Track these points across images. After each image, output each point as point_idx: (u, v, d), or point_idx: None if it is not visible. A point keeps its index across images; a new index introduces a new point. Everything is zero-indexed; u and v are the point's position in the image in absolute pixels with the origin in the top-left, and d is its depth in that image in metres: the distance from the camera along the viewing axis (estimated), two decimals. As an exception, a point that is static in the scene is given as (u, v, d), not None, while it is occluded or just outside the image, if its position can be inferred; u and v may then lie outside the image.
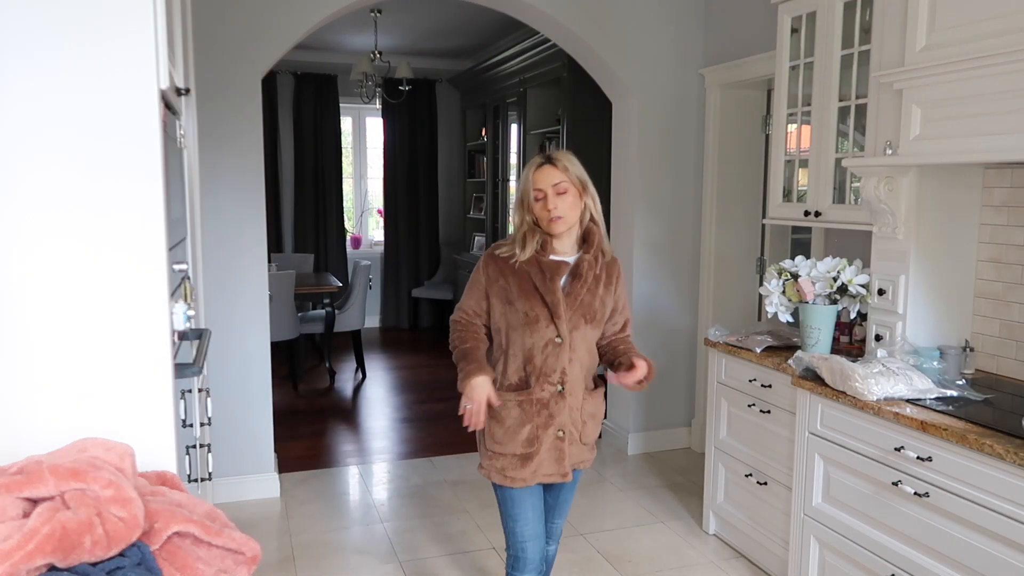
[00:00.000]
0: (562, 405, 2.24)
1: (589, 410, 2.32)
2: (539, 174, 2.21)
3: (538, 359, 2.21)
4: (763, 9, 3.71)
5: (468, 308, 2.32)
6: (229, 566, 1.22)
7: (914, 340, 2.71)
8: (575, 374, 2.25)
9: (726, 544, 3.35)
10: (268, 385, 3.89)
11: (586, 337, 2.26)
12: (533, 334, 2.20)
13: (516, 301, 2.21)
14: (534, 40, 5.81)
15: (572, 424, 2.28)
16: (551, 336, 2.20)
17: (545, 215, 2.19)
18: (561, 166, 2.21)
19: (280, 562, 3.23)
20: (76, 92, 1.31)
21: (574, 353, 2.24)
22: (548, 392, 2.22)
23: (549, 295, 2.19)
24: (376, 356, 7.14)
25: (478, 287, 2.31)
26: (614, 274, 2.31)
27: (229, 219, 3.70)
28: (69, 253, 1.33)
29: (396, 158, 8.14)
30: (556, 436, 2.24)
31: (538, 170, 2.22)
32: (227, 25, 3.61)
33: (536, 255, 2.22)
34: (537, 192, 2.20)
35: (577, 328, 2.22)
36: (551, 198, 2.18)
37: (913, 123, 2.54)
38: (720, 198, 4.30)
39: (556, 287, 2.19)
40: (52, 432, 1.34)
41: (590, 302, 2.23)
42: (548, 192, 2.19)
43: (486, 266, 2.29)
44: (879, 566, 2.42)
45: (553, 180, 2.20)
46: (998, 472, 2.03)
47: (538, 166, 2.23)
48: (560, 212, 2.19)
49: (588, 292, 2.22)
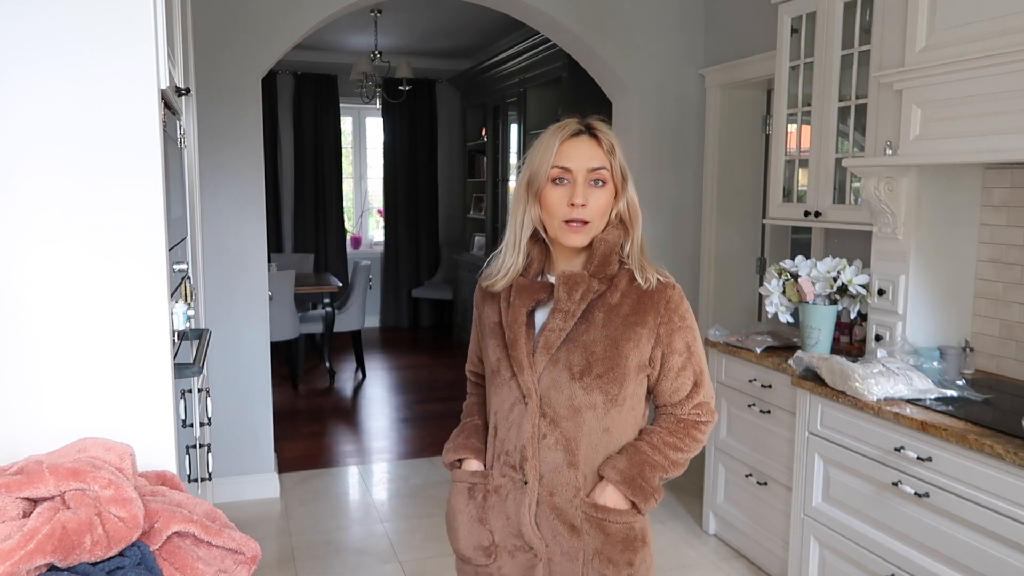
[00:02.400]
0: (522, 504, 1.45)
1: (594, 543, 1.45)
2: (570, 145, 1.43)
3: (501, 428, 1.49)
4: (763, 9, 3.71)
5: (471, 355, 1.72)
6: (229, 566, 1.22)
7: (914, 340, 2.71)
8: (552, 462, 1.44)
9: (726, 544, 3.35)
10: (268, 385, 3.89)
11: (574, 403, 1.43)
12: (499, 390, 1.49)
13: (487, 343, 1.55)
14: (534, 40, 5.81)
15: (557, 551, 1.45)
16: (518, 395, 1.46)
17: (563, 211, 1.42)
18: (606, 143, 1.44)
19: (280, 562, 3.23)
20: (76, 93, 1.31)
21: (553, 427, 1.44)
22: (508, 480, 1.48)
23: (508, 330, 1.47)
24: (376, 356, 7.14)
25: (475, 324, 1.66)
26: (653, 310, 1.45)
27: (229, 219, 3.70)
28: (69, 253, 1.33)
29: (396, 158, 8.14)
30: (525, 555, 1.47)
31: (569, 140, 1.43)
32: (227, 25, 3.61)
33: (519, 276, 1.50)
34: (560, 172, 1.42)
35: (557, 386, 1.43)
36: (580, 187, 1.41)
37: (913, 123, 2.54)
38: (720, 198, 4.30)
39: (518, 317, 1.46)
40: (52, 432, 1.34)
41: (589, 345, 1.43)
42: (578, 176, 1.42)
43: (476, 293, 1.62)
44: (879, 566, 2.42)
45: (591, 162, 1.42)
46: (998, 472, 2.03)
47: (572, 135, 1.44)
48: (590, 213, 1.42)
49: (585, 330, 1.44)
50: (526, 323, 1.46)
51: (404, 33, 6.76)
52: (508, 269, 1.50)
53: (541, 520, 1.46)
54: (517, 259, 1.50)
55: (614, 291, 1.46)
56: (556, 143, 1.43)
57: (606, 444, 1.46)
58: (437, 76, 8.10)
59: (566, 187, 1.43)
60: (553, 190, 1.43)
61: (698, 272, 4.45)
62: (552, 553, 1.46)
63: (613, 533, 1.46)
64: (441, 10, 5.95)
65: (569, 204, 1.42)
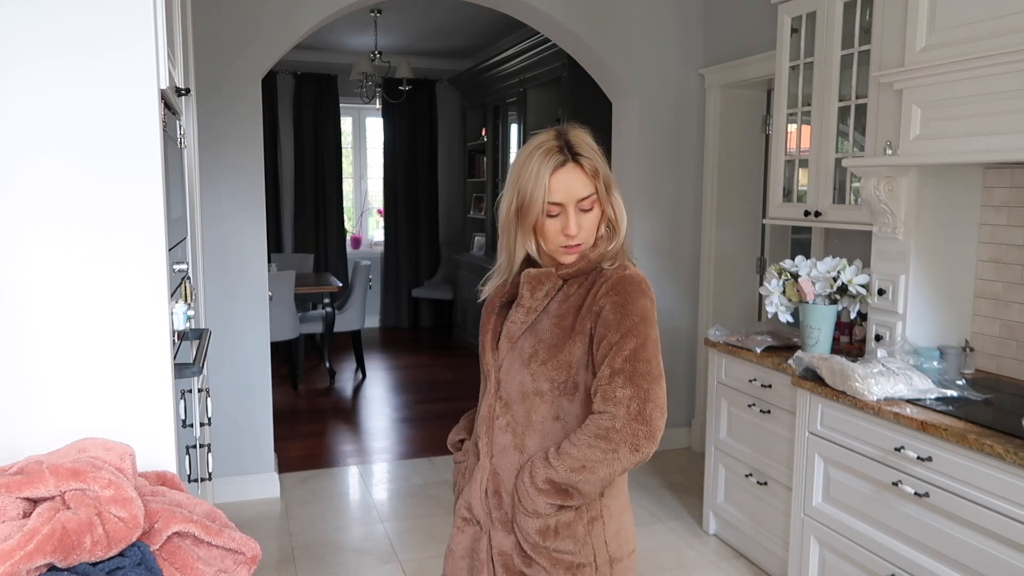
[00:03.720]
0: (476, 479, 1.57)
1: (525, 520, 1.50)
2: (559, 179, 1.48)
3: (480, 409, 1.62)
4: (763, 9, 3.71)
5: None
6: (229, 566, 1.22)
7: (914, 340, 2.71)
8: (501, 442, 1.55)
9: (726, 544, 3.35)
10: (268, 385, 3.89)
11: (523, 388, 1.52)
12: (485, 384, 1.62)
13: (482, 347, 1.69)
14: (534, 40, 5.81)
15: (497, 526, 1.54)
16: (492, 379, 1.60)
17: (559, 240, 1.51)
18: (589, 167, 1.51)
19: (280, 562, 3.23)
20: (76, 93, 1.31)
21: (505, 409, 1.54)
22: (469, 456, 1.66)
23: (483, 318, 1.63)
24: (376, 356, 7.14)
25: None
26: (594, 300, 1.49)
27: (229, 219, 3.70)
28: (69, 253, 1.33)
29: (396, 158, 8.14)
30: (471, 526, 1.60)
31: (557, 173, 1.48)
32: (227, 25, 3.61)
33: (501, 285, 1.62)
34: (553, 207, 1.49)
35: (511, 372, 1.54)
36: (572, 219, 1.49)
37: (913, 123, 2.54)
38: (720, 198, 4.30)
39: (492, 307, 1.62)
40: (52, 432, 1.34)
41: (539, 333, 1.52)
42: (569, 209, 1.49)
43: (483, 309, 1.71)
44: (879, 566, 2.42)
45: (579, 192, 1.49)
46: (998, 472, 2.03)
47: (558, 166, 1.49)
48: (582, 236, 1.51)
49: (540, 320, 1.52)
50: (496, 313, 1.61)
51: (404, 33, 6.76)
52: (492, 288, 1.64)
53: (490, 495, 1.55)
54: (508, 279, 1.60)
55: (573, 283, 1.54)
56: (546, 176, 1.48)
57: (556, 433, 1.51)
58: (437, 76, 8.10)
59: (559, 218, 1.51)
60: (549, 222, 1.51)
61: (698, 272, 4.45)
62: (495, 528, 1.55)
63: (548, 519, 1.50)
64: (441, 10, 5.96)
65: (564, 234, 1.50)
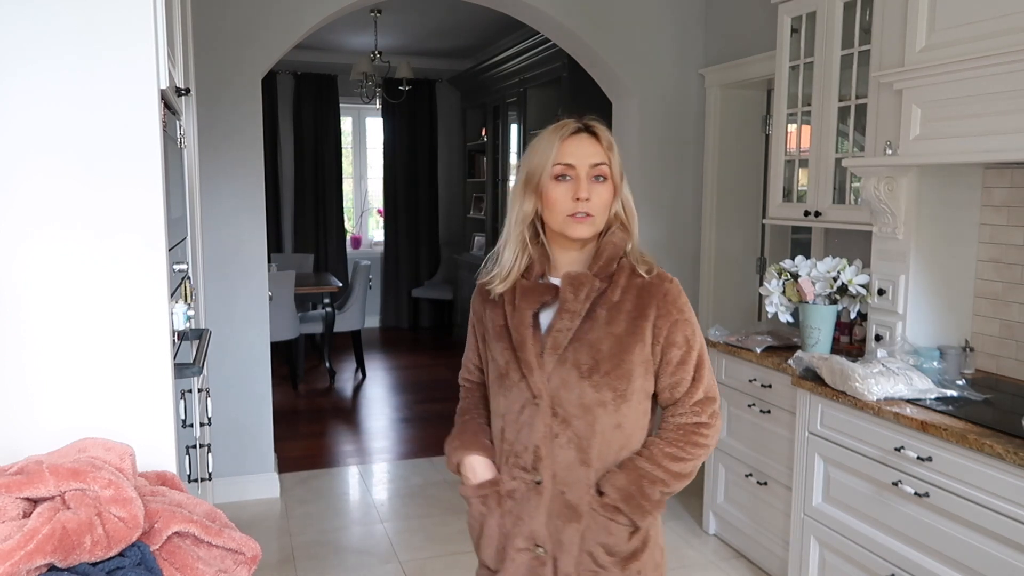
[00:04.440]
0: (537, 505, 1.49)
1: (599, 536, 1.49)
2: (571, 143, 1.46)
3: (510, 430, 1.52)
4: (763, 9, 3.71)
5: (466, 364, 1.71)
6: (229, 566, 1.22)
7: (914, 340, 2.71)
8: (565, 460, 1.47)
9: (726, 544, 3.35)
10: (268, 385, 3.89)
11: (584, 401, 1.46)
12: (507, 393, 1.52)
13: (492, 347, 1.56)
14: (534, 40, 5.81)
15: (565, 546, 1.49)
16: (528, 396, 1.49)
17: (567, 206, 1.45)
18: (605, 140, 1.48)
19: (280, 562, 3.23)
20: (76, 93, 1.31)
21: (564, 426, 1.47)
22: (520, 483, 1.51)
23: (516, 333, 1.49)
24: (376, 356, 7.14)
25: (471, 331, 1.68)
26: (652, 304, 1.48)
27: (229, 219, 3.70)
28: (69, 253, 1.33)
29: (396, 158, 8.14)
30: (532, 554, 1.50)
31: (569, 138, 1.46)
32: (227, 25, 3.61)
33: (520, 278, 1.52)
34: (564, 169, 1.45)
35: (567, 385, 1.46)
36: (583, 182, 1.45)
37: (913, 123, 2.54)
38: (720, 198, 4.30)
39: (524, 319, 1.49)
40: (52, 432, 1.34)
41: (595, 343, 1.46)
42: (581, 172, 1.45)
43: (474, 300, 1.64)
44: (879, 566, 2.42)
45: (592, 157, 1.46)
46: (998, 472, 2.03)
47: (571, 133, 1.47)
48: (594, 207, 1.45)
49: (590, 329, 1.46)
50: (532, 324, 1.50)
51: (404, 33, 6.76)
52: (509, 270, 1.53)
53: (553, 518, 1.50)
54: (520, 259, 1.52)
55: (615, 288, 1.49)
56: (556, 141, 1.46)
57: (619, 439, 1.50)
58: (437, 76, 8.10)
59: (569, 183, 1.46)
60: (556, 186, 1.46)
61: (698, 272, 4.45)
62: (557, 550, 1.50)
63: (616, 531, 1.50)
64: (441, 10, 5.95)
65: (574, 199, 1.45)
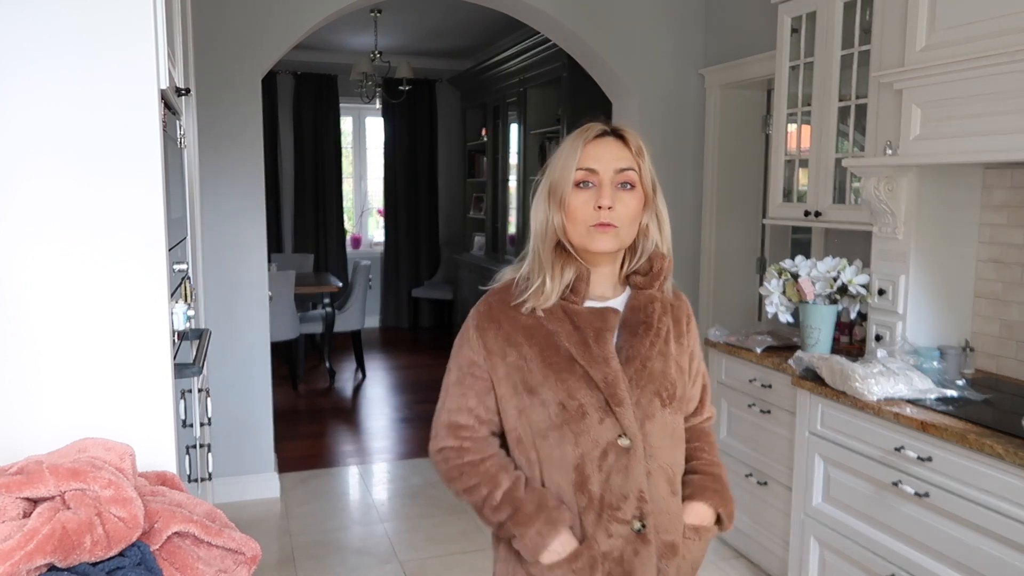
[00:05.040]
0: (647, 558, 1.31)
1: (693, 557, 1.41)
2: (594, 146, 1.33)
3: (595, 482, 1.30)
4: (763, 9, 3.70)
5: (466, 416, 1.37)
6: (229, 566, 1.22)
7: (914, 340, 2.71)
8: (660, 495, 1.34)
9: (726, 544, 3.35)
10: (268, 385, 3.89)
11: (666, 430, 1.37)
12: (579, 438, 1.30)
13: (542, 386, 1.31)
14: (534, 40, 5.81)
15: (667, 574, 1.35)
16: (610, 437, 1.30)
17: (589, 215, 1.31)
18: (634, 144, 1.35)
19: (280, 562, 3.23)
20: (76, 93, 1.31)
21: (653, 461, 1.34)
22: (619, 539, 1.30)
23: (599, 366, 1.30)
24: (376, 356, 7.14)
25: (474, 374, 1.36)
26: (683, 319, 1.44)
27: (229, 219, 3.70)
28: (69, 253, 1.33)
29: (396, 158, 8.14)
30: None
31: (594, 141, 1.34)
32: (227, 25, 3.61)
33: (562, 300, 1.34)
34: (585, 175, 1.31)
35: (651, 417, 1.33)
36: (608, 188, 1.31)
37: (913, 123, 2.54)
38: (720, 198, 4.30)
39: (608, 352, 1.31)
40: (52, 432, 1.34)
41: (663, 370, 1.36)
42: (605, 178, 1.31)
43: (481, 331, 1.36)
44: (879, 566, 2.42)
45: (618, 162, 1.32)
46: (998, 472, 2.03)
47: (595, 135, 1.34)
48: (618, 217, 1.31)
49: (659, 354, 1.36)
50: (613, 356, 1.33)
51: (404, 33, 6.76)
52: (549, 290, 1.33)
53: (663, 561, 1.36)
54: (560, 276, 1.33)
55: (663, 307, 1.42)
56: (580, 145, 1.33)
57: (679, 467, 1.43)
58: (437, 76, 8.10)
59: (591, 190, 1.32)
60: (578, 194, 1.32)
61: (698, 272, 4.45)
62: None
63: (695, 554, 1.43)
64: (441, 10, 5.95)
65: (596, 208, 1.30)
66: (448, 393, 1.40)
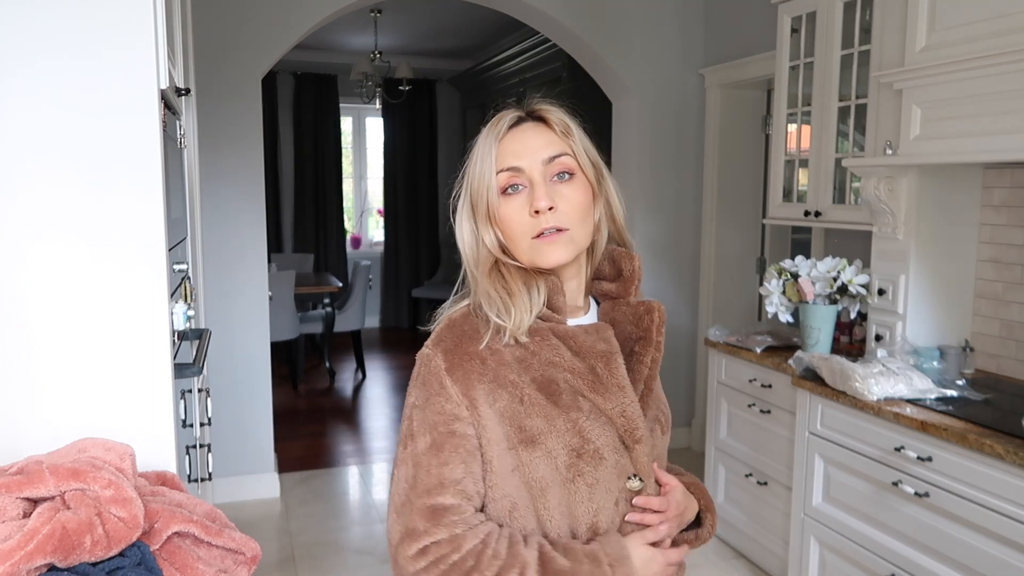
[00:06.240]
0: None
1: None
2: (511, 139, 1.08)
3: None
4: (763, 9, 3.71)
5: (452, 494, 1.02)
6: (229, 566, 1.22)
7: (914, 340, 2.71)
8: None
9: (726, 544, 3.35)
10: (268, 385, 3.89)
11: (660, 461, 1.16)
12: (593, 491, 1.05)
13: (546, 433, 1.03)
14: (534, 40, 5.81)
15: None
16: (621, 483, 1.07)
17: (528, 224, 1.05)
18: (558, 123, 1.09)
19: (280, 562, 3.23)
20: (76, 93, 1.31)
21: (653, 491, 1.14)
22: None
23: (614, 397, 1.06)
24: (376, 356, 7.14)
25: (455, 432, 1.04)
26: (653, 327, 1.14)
27: (229, 219, 3.70)
28: (70, 253, 1.33)
29: (396, 158, 8.15)
30: None
31: (509, 134, 1.09)
32: (227, 25, 3.61)
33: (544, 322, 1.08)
34: (510, 175, 1.06)
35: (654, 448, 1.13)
36: (541, 185, 1.05)
37: (913, 123, 2.54)
38: (720, 198, 4.30)
39: (622, 379, 1.08)
40: (52, 432, 1.34)
41: (659, 391, 1.17)
42: (534, 174, 1.06)
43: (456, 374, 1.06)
44: (879, 566, 2.42)
45: (545, 150, 1.07)
46: (998, 472, 2.03)
47: (510, 126, 1.09)
48: (564, 216, 1.05)
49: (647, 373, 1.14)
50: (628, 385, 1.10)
51: (404, 33, 6.76)
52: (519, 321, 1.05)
53: None
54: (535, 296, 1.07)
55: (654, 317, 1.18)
56: (494, 142, 1.07)
57: None
58: (437, 76, 8.10)
59: (522, 193, 1.06)
60: (507, 202, 1.06)
61: (698, 272, 4.45)
62: None
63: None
64: (441, 10, 5.95)
65: (532, 213, 1.04)
66: (419, 467, 1.04)
